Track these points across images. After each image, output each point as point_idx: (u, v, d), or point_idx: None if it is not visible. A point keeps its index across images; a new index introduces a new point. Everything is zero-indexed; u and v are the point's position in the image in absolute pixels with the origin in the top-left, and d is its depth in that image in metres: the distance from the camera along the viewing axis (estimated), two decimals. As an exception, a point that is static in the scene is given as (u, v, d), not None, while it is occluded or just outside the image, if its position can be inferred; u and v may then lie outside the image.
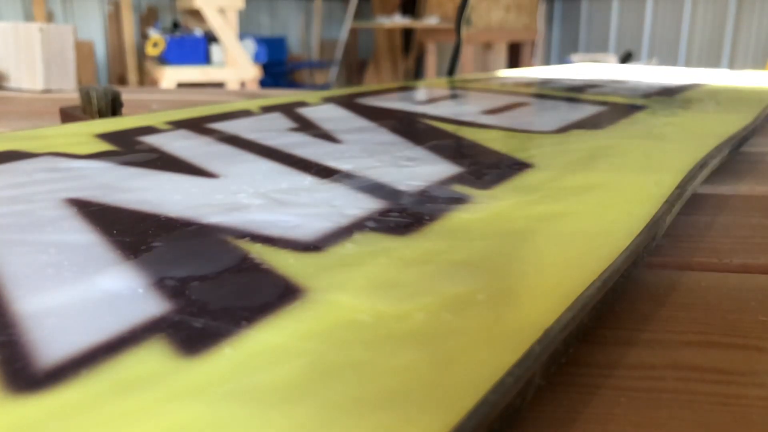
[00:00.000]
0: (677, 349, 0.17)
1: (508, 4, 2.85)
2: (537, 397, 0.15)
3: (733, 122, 0.42)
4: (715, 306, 0.20)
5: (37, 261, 0.20)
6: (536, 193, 0.27)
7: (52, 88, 1.28)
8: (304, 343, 0.15)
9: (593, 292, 0.17)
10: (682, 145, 0.35)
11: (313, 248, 0.21)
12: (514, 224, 0.23)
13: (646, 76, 0.78)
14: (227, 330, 0.16)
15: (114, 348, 0.15)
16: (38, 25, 1.33)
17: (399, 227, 0.23)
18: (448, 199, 0.26)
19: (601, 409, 0.15)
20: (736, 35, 3.61)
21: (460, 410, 0.12)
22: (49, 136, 0.41)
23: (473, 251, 0.21)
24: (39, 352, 0.15)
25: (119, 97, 0.62)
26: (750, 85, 0.67)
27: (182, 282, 0.19)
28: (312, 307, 0.17)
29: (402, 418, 0.12)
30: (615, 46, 3.95)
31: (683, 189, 0.26)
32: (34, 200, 0.27)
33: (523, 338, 0.15)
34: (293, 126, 0.43)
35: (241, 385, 0.13)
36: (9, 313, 0.17)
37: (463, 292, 0.18)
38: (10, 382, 0.14)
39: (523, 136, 0.39)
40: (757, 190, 0.32)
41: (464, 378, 0.13)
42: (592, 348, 0.18)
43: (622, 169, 0.30)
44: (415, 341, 0.15)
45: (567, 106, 0.52)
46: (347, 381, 0.13)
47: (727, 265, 0.23)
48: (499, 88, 0.65)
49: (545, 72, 0.86)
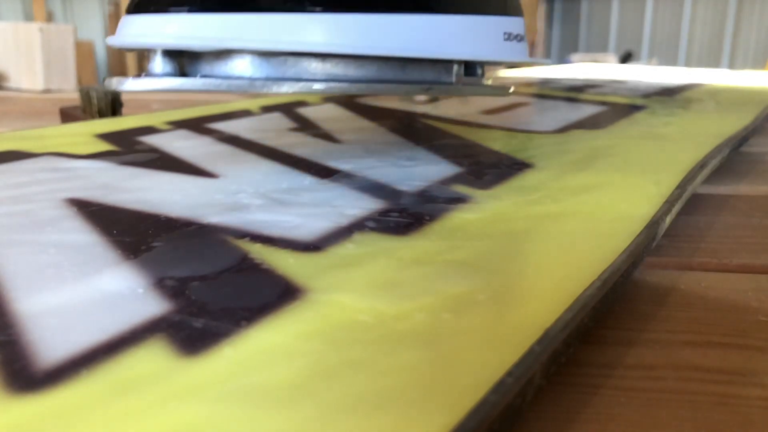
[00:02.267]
0: (677, 349, 0.17)
1: (508, 4, 2.85)
2: (537, 397, 0.15)
3: (733, 122, 0.42)
4: (715, 306, 0.20)
5: (37, 261, 0.20)
6: (536, 193, 0.27)
7: (52, 88, 1.28)
8: (304, 343, 0.15)
9: (593, 292, 0.17)
10: (682, 145, 0.35)
11: (313, 248, 0.21)
12: (515, 224, 0.23)
13: (646, 76, 0.78)
14: (227, 330, 0.16)
15: (114, 348, 0.15)
16: (38, 25, 1.33)
17: (399, 227, 0.23)
18: (448, 199, 0.26)
19: (601, 409, 0.15)
20: (736, 35, 3.61)
21: (460, 410, 0.12)
22: (49, 136, 0.41)
23: (473, 251, 0.21)
24: (39, 352, 0.15)
25: (119, 97, 0.62)
26: (750, 85, 0.67)
27: (182, 282, 0.19)
28: (312, 307, 0.17)
29: (402, 418, 0.12)
30: (615, 46, 3.95)
31: (683, 189, 0.26)
32: (34, 200, 0.27)
33: (524, 338, 0.15)
34: (293, 126, 0.43)
35: (241, 385, 0.13)
36: (9, 313, 0.17)
37: (463, 292, 0.18)
38: (10, 382, 0.14)
39: (523, 136, 0.39)
40: (757, 190, 0.32)
41: (464, 378, 0.13)
42: (592, 348, 0.18)
43: (622, 169, 0.30)
44: (415, 341, 0.15)
45: (567, 106, 0.52)
46: (347, 381, 0.13)
47: (727, 265, 0.23)
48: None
49: (545, 72, 0.86)
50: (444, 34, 0.28)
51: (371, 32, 0.26)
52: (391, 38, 0.26)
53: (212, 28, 0.24)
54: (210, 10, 0.24)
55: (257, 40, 0.24)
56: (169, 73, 0.25)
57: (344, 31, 0.25)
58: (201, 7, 0.24)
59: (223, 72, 0.25)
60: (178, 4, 0.24)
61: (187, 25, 0.24)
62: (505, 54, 0.31)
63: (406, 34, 0.26)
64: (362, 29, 0.26)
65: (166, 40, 0.24)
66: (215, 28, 0.24)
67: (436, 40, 0.28)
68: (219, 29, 0.24)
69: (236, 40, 0.24)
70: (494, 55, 0.30)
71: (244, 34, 0.24)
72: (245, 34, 0.24)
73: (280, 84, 0.25)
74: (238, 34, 0.24)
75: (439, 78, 0.29)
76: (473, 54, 0.30)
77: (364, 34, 0.26)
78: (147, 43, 0.24)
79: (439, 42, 0.28)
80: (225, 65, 0.25)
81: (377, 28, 0.26)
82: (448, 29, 0.28)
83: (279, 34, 0.24)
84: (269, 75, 0.25)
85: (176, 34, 0.24)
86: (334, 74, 0.26)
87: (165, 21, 0.24)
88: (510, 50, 0.31)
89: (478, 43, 0.30)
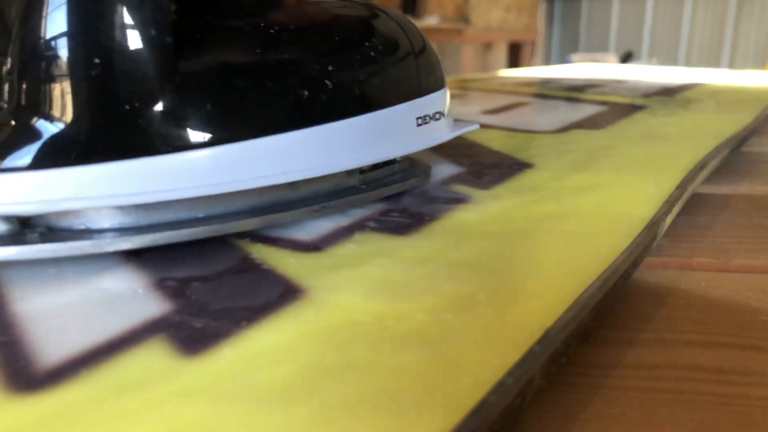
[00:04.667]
0: (677, 349, 0.17)
1: (508, 4, 2.85)
2: (537, 397, 0.15)
3: (733, 122, 0.42)
4: (715, 306, 0.20)
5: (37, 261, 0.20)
6: (536, 193, 0.27)
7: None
8: (304, 343, 0.15)
9: (593, 292, 0.17)
10: (682, 145, 0.35)
11: (313, 248, 0.21)
12: (515, 224, 0.23)
13: (646, 76, 0.78)
14: (227, 330, 0.16)
15: (114, 348, 0.15)
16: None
17: (399, 227, 0.23)
18: (449, 199, 0.26)
19: (601, 409, 0.15)
20: (736, 35, 3.61)
21: (460, 411, 0.12)
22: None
23: (473, 251, 0.21)
24: (39, 352, 0.15)
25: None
26: (750, 85, 0.67)
27: (182, 282, 0.19)
28: (312, 307, 0.17)
29: (402, 418, 0.12)
30: (615, 46, 3.95)
31: (683, 189, 0.26)
32: (34, 200, 0.27)
33: (524, 338, 0.15)
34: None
35: (241, 385, 0.13)
36: (9, 314, 0.17)
37: (464, 292, 0.18)
38: (11, 382, 0.14)
39: (523, 136, 0.39)
40: (757, 190, 0.32)
41: (464, 378, 0.13)
42: (592, 348, 0.18)
43: (622, 169, 0.30)
44: (415, 341, 0.15)
45: (567, 106, 0.52)
46: (347, 381, 0.14)
47: (727, 265, 0.23)
48: (499, 88, 0.65)
49: (545, 72, 0.86)
50: (344, 142, 0.23)
51: (249, 164, 0.21)
52: (277, 164, 0.21)
53: (54, 186, 0.19)
54: (49, 167, 0.19)
55: (123, 194, 0.19)
56: (6, 233, 0.20)
57: (232, 165, 0.21)
58: (39, 164, 0.19)
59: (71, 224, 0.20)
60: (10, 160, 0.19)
61: (16, 186, 0.19)
62: (419, 142, 0.26)
63: (295, 155, 0.22)
64: (241, 160, 0.21)
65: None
66: (53, 186, 0.19)
67: (334, 152, 0.23)
68: (57, 187, 0.19)
69: (92, 199, 0.19)
70: (404, 149, 0.26)
71: (93, 189, 0.19)
72: (94, 189, 0.19)
73: (134, 238, 0.20)
74: (83, 190, 0.19)
75: (338, 187, 0.25)
76: (377, 156, 0.25)
77: (249, 165, 0.21)
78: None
79: (338, 153, 0.23)
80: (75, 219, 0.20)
81: (258, 157, 0.21)
82: (348, 136, 0.23)
83: (133, 184, 0.19)
84: (135, 224, 0.21)
85: (11, 200, 0.19)
86: (215, 212, 0.21)
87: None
88: (424, 136, 0.26)
89: (383, 142, 0.25)
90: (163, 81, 0.20)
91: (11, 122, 0.19)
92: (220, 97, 0.21)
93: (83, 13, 0.19)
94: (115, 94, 0.20)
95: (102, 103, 0.20)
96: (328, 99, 0.23)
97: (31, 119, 0.19)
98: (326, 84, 0.23)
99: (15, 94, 0.20)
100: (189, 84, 0.21)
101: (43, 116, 0.19)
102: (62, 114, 0.19)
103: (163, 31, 0.20)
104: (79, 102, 0.19)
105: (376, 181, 0.26)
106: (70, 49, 0.19)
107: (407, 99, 0.26)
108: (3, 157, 0.19)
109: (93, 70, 0.19)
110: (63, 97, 0.19)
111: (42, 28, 0.19)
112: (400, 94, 0.26)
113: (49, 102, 0.19)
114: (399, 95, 0.25)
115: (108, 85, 0.20)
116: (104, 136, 0.20)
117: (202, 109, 0.20)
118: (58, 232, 0.20)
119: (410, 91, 0.26)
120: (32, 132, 0.19)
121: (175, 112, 0.20)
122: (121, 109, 0.20)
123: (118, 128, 0.20)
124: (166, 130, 0.20)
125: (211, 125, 0.20)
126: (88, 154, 0.19)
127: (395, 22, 0.27)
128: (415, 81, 0.26)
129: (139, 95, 0.20)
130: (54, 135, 0.19)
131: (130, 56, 0.20)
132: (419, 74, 0.26)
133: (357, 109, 0.24)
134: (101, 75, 0.19)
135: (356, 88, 0.24)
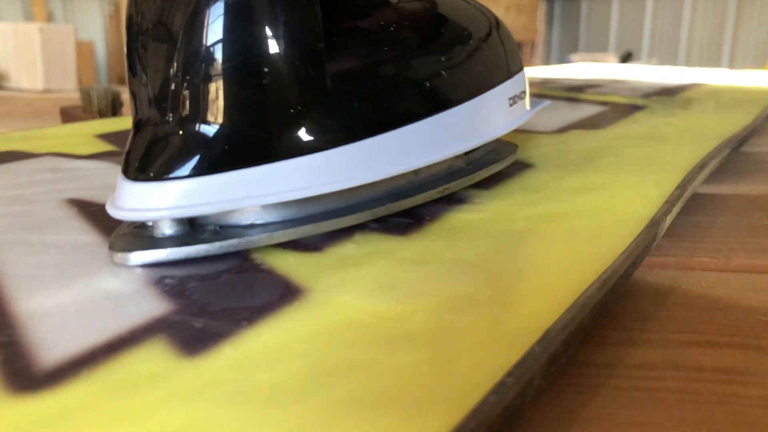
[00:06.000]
0: (677, 349, 0.17)
1: (508, 4, 2.85)
2: (537, 397, 0.15)
3: (733, 122, 0.42)
4: (715, 306, 0.20)
5: (38, 261, 0.20)
6: (536, 193, 0.27)
7: (52, 88, 1.27)
8: (304, 343, 0.15)
9: (593, 292, 0.17)
10: (682, 145, 0.35)
11: (313, 248, 0.21)
12: (515, 224, 0.23)
13: (646, 76, 0.78)
14: (227, 330, 0.16)
15: (114, 348, 0.15)
16: (38, 25, 1.33)
17: (399, 227, 0.23)
18: (449, 199, 0.26)
19: (601, 409, 0.15)
20: (736, 35, 3.61)
21: (460, 411, 0.12)
22: (49, 137, 0.41)
23: (473, 251, 0.21)
24: (39, 352, 0.15)
25: (119, 97, 0.62)
26: (750, 85, 0.67)
27: (182, 282, 0.19)
28: (312, 307, 0.17)
29: (402, 418, 0.12)
30: (615, 46, 3.95)
31: (683, 189, 0.26)
32: (34, 200, 0.27)
33: (524, 339, 0.15)
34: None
35: (241, 385, 0.13)
36: (9, 314, 0.17)
37: (463, 292, 0.18)
38: (11, 382, 0.14)
39: (523, 136, 0.39)
40: (757, 190, 0.32)
41: (464, 378, 0.13)
42: (592, 348, 0.18)
43: (622, 169, 0.30)
44: (415, 341, 0.15)
45: (567, 106, 0.52)
46: (347, 381, 0.13)
47: (727, 265, 0.23)
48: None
49: (545, 72, 0.86)
50: (461, 126, 0.25)
51: (386, 155, 0.23)
52: (407, 152, 0.24)
53: (222, 188, 0.20)
54: (216, 171, 0.20)
55: (277, 193, 0.21)
56: (179, 233, 0.21)
57: (367, 160, 0.23)
58: (207, 169, 0.20)
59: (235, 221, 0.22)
60: (179, 168, 0.20)
61: (195, 191, 0.20)
62: (513, 120, 0.29)
63: (420, 143, 0.24)
64: (380, 152, 0.23)
65: (174, 212, 0.20)
66: (226, 188, 0.20)
67: (448, 139, 0.25)
68: (230, 188, 0.20)
69: (252, 198, 0.21)
70: (504, 129, 0.28)
71: (261, 188, 0.21)
72: (262, 188, 0.21)
73: (298, 229, 0.22)
74: (252, 189, 0.20)
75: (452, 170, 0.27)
76: (485, 137, 0.27)
77: (382, 158, 0.23)
78: (152, 216, 0.20)
79: (456, 137, 0.25)
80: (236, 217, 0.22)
81: (392, 148, 0.23)
82: (463, 120, 0.26)
83: (298, 180, 0.21)
84: (287, 217, 0.22)
85: (183, 204, 0.20)
86: (353, 204, 0.23)
87: (169, 190, 0.20)
88: (515, 114, 0.29)
89: (488, 123, 0.27)
90: (318, 85, 0.22)
91: (179, 132, 0.20)
92: (365, 95, 0.23)
93: (248, 27, 0.20)
94: (281, 101, 0.21)
95: (269, 109, 0.21)
96: (448, 88, 0.25)
97: (200, 129, 0.20)
98: (445, 74, 0.25)
99: (182, 107, 0.20)
100: (338, 86, 0.22)
101: (211, 125, 0.20)
102: (231, 122, 0.20)
103: (317, 38, 0.21)
104: (247, 110, 0.21)
105: (479, 161, 0.28)
106: (236, 63, 0.20)
107: (502, 81, 0.28)
108: (178, 165, 0.20)
109: (263, 79, 0.20)
110: (231, 107, 0.20)
111: (204, 43, 0.20)
112: (497, 76, 0.28)
113: (216, 111, 0.20)
114: (496, 78, 0.28)
115: (275, 93, 0.21)
116: (274, 139, 0.21)
117: (351, 108, 0.22)
118: (228, 229, 0.21)
119: (503, 73, 0.28)
120: (203, 140, 0.20)
121: (330, 113, 0.22)
122: (286, 114, 0.21)
123: (284, 131, 0.21)
124: (322, 130, 0.21)
125: (357, 122, 0.22)
126: (259, 156, 0.21)
127: (478, 9, 0.29)
128: (504, 63, 0.29)
129: (301, 100, 0.21)
130: (224, 141, 0.20)
131: (292, 64, 0.21)
132: (507, 56, 0.29)
133: (469, 94, 0.26)
134: (269, 84, 0.21)
135: (468, 75, 0.26)
